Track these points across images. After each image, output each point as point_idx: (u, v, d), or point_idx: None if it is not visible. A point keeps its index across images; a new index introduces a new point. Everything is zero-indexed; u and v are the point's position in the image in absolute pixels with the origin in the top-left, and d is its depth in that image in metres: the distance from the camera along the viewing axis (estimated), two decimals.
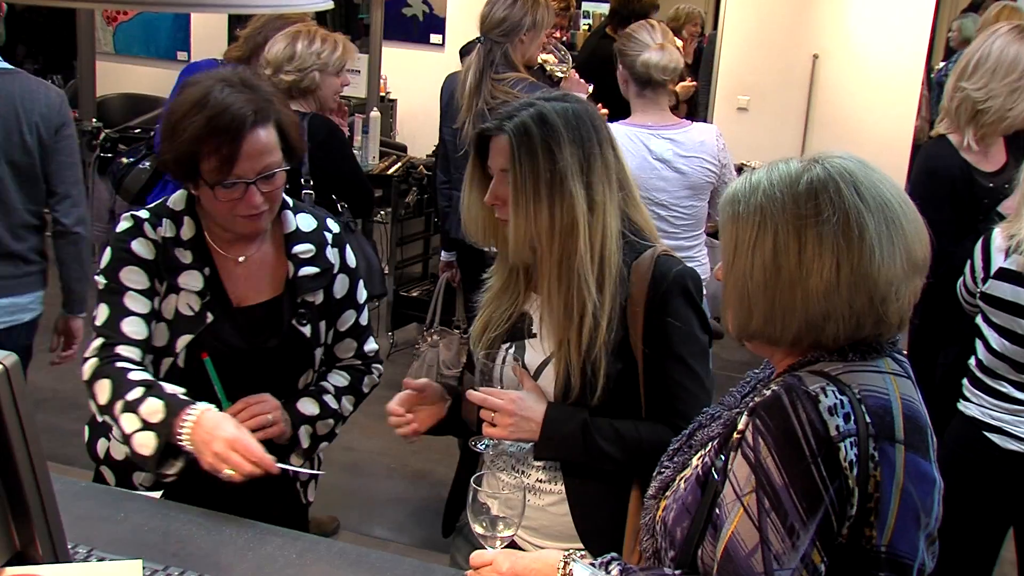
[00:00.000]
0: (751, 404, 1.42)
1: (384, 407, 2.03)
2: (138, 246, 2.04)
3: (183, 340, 2.04)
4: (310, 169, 3.16)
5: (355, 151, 5.92)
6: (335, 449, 4.23)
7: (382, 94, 6.83)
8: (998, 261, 2.50)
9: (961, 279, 2.67)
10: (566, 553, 1.54)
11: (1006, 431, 2.55)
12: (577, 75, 4.06)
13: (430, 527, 3.93)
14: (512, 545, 1.65)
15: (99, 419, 1.99)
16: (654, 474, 1.67)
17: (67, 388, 4.61)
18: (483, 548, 1.61)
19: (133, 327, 2.01)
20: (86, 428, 2.21)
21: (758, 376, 1.65)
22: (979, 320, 2.60)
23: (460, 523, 2.09)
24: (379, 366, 2.33)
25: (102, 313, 2.02)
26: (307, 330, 2.12)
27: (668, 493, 1.57)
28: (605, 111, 5.13)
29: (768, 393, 1.40)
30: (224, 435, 1.84)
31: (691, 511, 1.49)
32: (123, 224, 2.06)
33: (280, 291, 2.12)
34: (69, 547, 1.56)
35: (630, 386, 1.88)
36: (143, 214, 2.08)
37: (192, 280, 2.05)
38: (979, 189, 3.01)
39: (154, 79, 7.76)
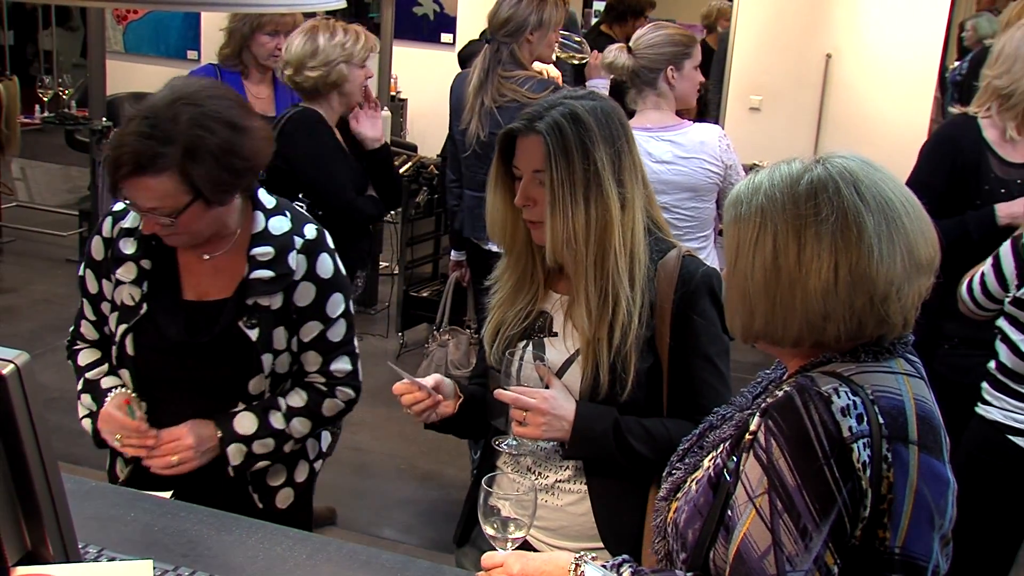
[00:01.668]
0: (763, 405, 1.42)
1: (393, 408, 2.02)
2: (95, 246, 2.16)
3: (121, 329, 2.11)
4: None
5: None
6: (344, 450, 4.26)
7: (392, 93, 6.83)
8: None
9: (971, 283, 2.63)
10: (577, 555, 1.53)
11: None
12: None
13: (440, 528, 3.93)
14: (526, 546, 1.64)
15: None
16: (664, 475, 1.66)
17: (75, 388, 4.62)
18: (494, 550, 1.60)
19: (86, 330, 2.25)
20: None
21: (769, 376, 1.64)
22: (1003, 325, 2.58)
23: (473, 534, 2.08)
24: (347, 389, 2.24)
25: (78, 309, 2.24)
26: (254, 333, 2.07)
27: (680, 495, 1.57)
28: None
29: (780, 394, 1.39)
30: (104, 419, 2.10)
31: (703, 513, 1.48)
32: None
33: (233, 293, 2.11)
34: (80, 547, 1.56)
35: (654, 384, 1.89)
36: (117, 207, 2.16)
37: (127, 272, 2.10)
38: (990, 174, 3.00)
39: (164, 78, 7.67)
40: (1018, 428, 2.56)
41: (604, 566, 1.53)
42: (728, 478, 1.45)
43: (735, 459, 1.44)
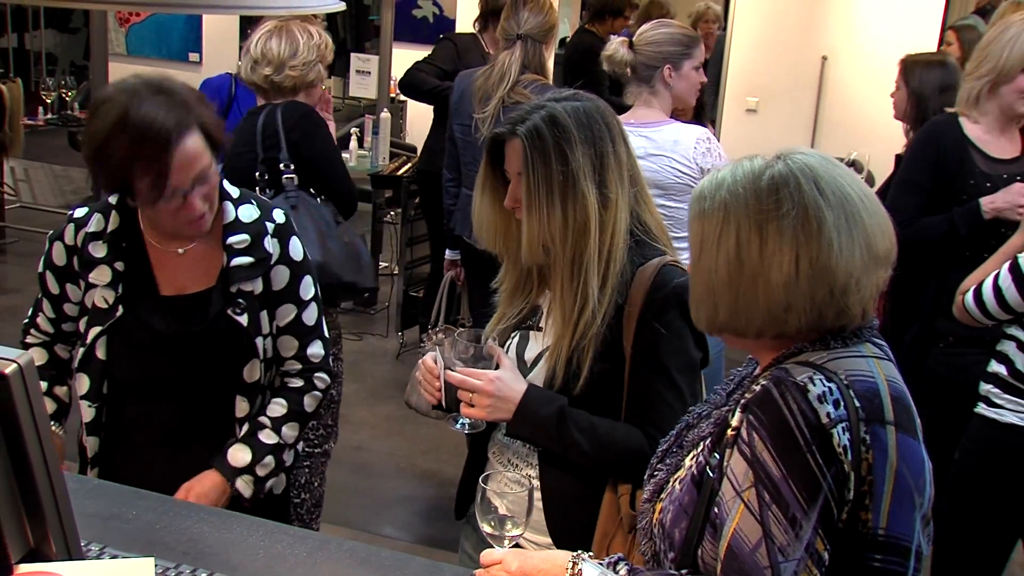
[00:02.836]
0: (742, 401, 1.44)
1: (393, 407, 2.04)
2: (56, 251, 2.15)
3: (93, 332, 2.10)
4: (288, 154, 3.11)
5: (364, 153, 5.95)
6: (344, 449, 4.28)
7: (392, 95, 6.85)
8: None
9: (980, 293, 2.58)
10: (575, 553, 1.55)
11: None
12: None
13: (439, 526, 3.95)
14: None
15: None
16: (646, 477, 1.67)
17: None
18: (491, 547, 1.62)
19: (44, 322, 2.24)
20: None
21: (742, 373, 1.66)
22: (1019, 334, 2.59)
23: (471, 511, 2.10)
24: (322, 375, 2.28)
25: (37, 298, 2.23)
26: (243, 319, 2.11)
27: (663, 495, 1.58)
28: None
29: (758, 388, 1.41)
30: None
31: (688, 511, 1.50)
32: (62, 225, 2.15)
33: (214, 281, 2.13)
34: (82, 544, 1.58)
35: (615, 388, 1.89)
36: (78, 213, 2.15)
37: (100, 275, 2.09)
38: (974, 169, 3.03)
39: None
40: None
41: (601, 564, 1.55)
42: (711, 474, 1.46)
43: (717, 455, 1.46)
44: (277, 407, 2.21)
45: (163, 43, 8.55)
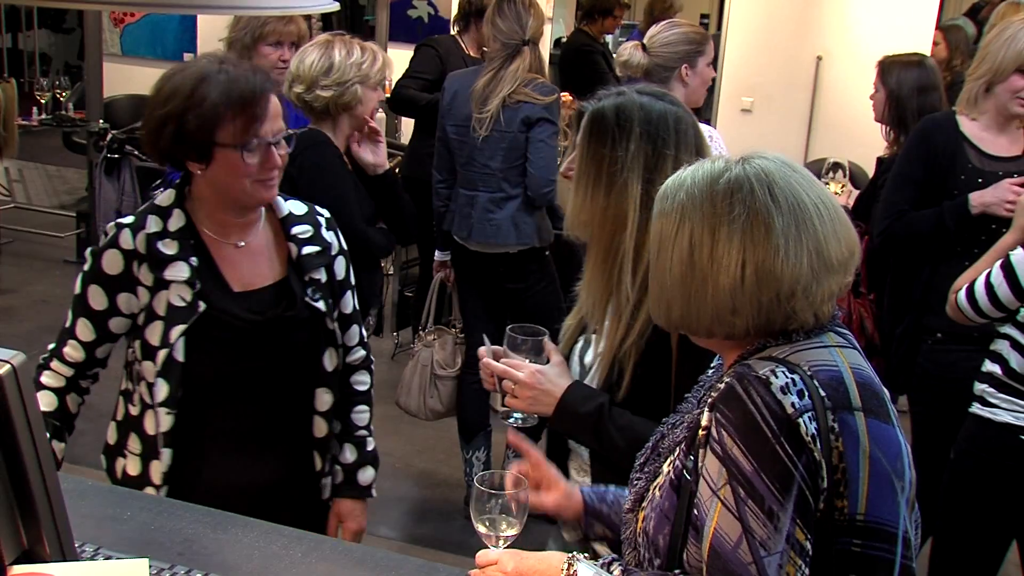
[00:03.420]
0: (709, 400, 1.45)
1: (388, 407, 2.05)
2: (108, 260, 2.06)
3: (176, 331, 2.03)
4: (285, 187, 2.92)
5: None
6: None
7: (387, 95, 6.83)
8: None
9: (972, 291, 2.59)
10: (570, 554, 1.56)
11: None
12: None
13: (434, 526, 3.95)
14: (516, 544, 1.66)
15: None
16: (628, 488, 1.68)
17: None
18: (486, 547, 1.63)
19: (71, 350, 2.13)
20: (103, 457, 2.21)
21: (711, 379, 1.66)
22: (1013, 332, 2.59)
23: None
24: (371, 356, 2.41)
25: (68, 318, 2.13)
26: (321, 304, 2.16)
27: (645, 504, 1.58)
28: (569, 98, 5.19)
29: (722, 386, 1.43)
30: None
31: (670, 517, 1.50)
32: (107, 234, 2.07)
33: (285, 274, 2.16)
34: (76, 546, 1.57)
35: (661, 389, 1.89)
36: (127, 220, 2.08)
37: (178, 271, 2.04)
38: (967, 164, 3.04)
39: None
40: None
41: (595, 564, 1.55)
42: (688, 477, 1.47)
43: (692, 458, 1.47)
44: (364, 415, 2.34)
45: (158, 43, 8.54)
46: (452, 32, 5.05)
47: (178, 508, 1.94)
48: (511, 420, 1.99)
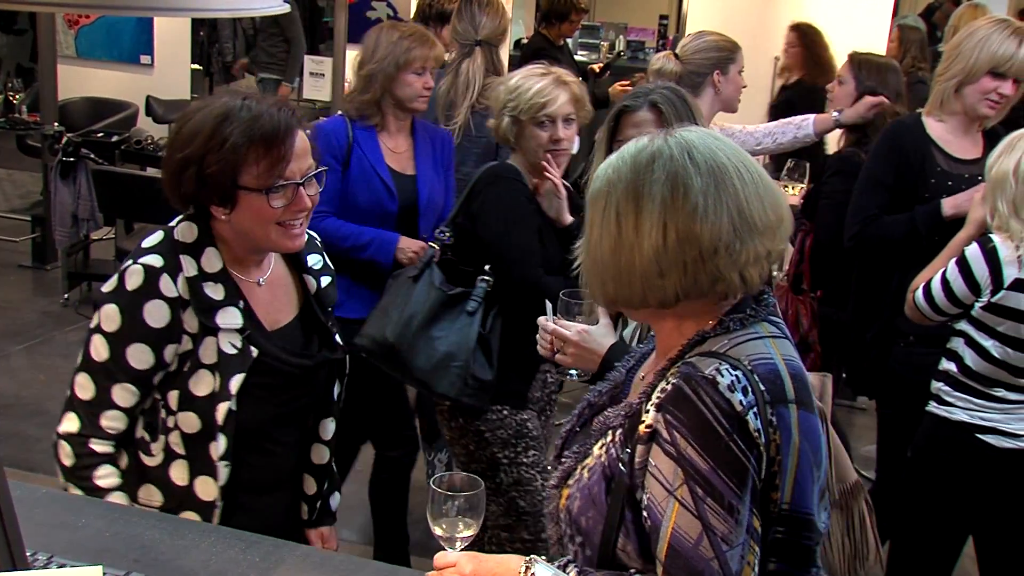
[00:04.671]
0: (656, 400, 1.47)
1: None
2: (152, 310, 1.89)
3: (236, 381, 1.92)
4: (451, 225, 2.79)
5: None
6: None
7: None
8: (1012, 273, 2.49)
9: (929, 289, 2.64)
10: (528, 557, 1.56)
11: (1001, 430, 2.59)
12: None
13: None
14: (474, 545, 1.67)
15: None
16: (552, 462, 1.72)
17: (30, 394, 4.54)
18: (444, 549, 1.62)
19: (112, 422, 1.95)
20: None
21: (642, 350, 1.73)
22: (968, 329, 2.60)
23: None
24: None
25: (87, 388, 1.93)
26: (338, 336, 2.16)
27: (571, 481, 1.60)
28: None
29: (669, 387, 1.45)
30: None
31: (596, 502, 1.53)
32: (133, 279, 1.89)
33: (300, 306, 2.10)
34: (28, 554, 1.55)
35: None
36: (155, 262, 1.91)
37: (230, 317, 1.94)
38: (936, 168, 3.07)
39: (117, 82, 7.68)
40: (987, 427, 2.60)
41: (553, 566, 1.56)
42: (624, 469, 1.49)
43: (628, 451, 1.49)
44: (330, 431, 2.25)
45: (114, 45, 8.44)
46: None
47: (134, 515, 1.92)
48: (568, 375, 2.21)
